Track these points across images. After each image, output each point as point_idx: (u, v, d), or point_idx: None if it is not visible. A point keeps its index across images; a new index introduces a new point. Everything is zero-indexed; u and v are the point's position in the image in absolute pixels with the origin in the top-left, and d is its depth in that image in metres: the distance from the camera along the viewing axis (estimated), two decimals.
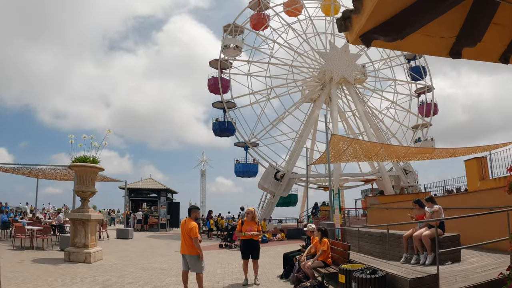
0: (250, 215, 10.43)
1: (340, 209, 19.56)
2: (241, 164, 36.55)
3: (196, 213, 8.99)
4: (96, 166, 13.84)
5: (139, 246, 20.03)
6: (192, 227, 8.41)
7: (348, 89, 37.80)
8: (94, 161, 14.00)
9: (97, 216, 14.10)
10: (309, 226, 11.66)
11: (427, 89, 41.61)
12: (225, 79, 37.48)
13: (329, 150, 26.34)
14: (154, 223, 35.44)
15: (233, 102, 37.49)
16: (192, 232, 8.35)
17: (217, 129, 37.09)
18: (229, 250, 20.06)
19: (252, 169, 36.39)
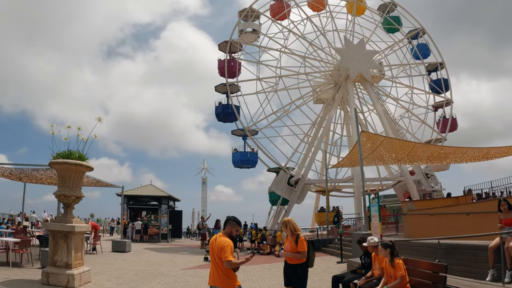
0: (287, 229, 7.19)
1: (380, 217, 16.63)
2: (239, 152, 33.66)
3: (234, 228, 5.80)
4: (83, 163, 10.79)
5: (137, 262, 16.91)
6: (224, 245, 5.39)
7: (365, 87, 34.98)
8: (80, 157, 10.97)
9: (84, 227, 11.00)
10: (370, 240, 8.60)
11: (445, 102, 38.83)
12: (235, 61, 34.57)
13: (353, 152, 23.47)
14: (155, 234, 32.32)
15: (237, 85, 34.50)
16: (223, 251, 5.33)
17: (220, 113, 34.07)
18: None
19: (252, 158, 33.41)
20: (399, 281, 6.85)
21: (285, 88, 36.06)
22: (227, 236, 5.64)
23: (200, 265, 16.77)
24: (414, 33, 40.03)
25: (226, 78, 33.70)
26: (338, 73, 35.64)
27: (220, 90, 34.54)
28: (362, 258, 9.22)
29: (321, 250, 23.87)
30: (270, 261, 19.32)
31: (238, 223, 5.84)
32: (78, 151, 10.99)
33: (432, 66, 39.69)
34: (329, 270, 15.31)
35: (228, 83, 33.60)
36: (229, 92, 33.55)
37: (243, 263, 5.54)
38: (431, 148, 24.20)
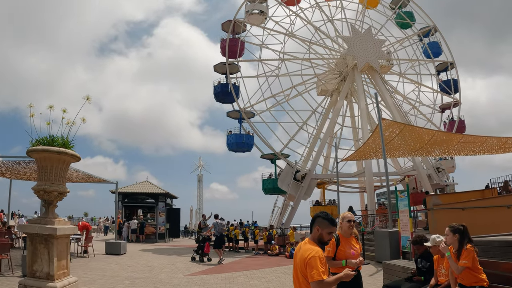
0: (349, 228, 5.41)
1: (410, 212, 14.87)
2: (234, 135, 31.52)
3: (326, 230, 3.80)
4: (67, 151, 8.76)
5: (134, 267, 14.95)
6: (310, 257, 3.50)
7: (373, 78, 33.10)
8: (65, 144, 8.97)
9: (69, 229, 8.98)
10: (436, 239, 6.62)
11: (453, 103, 37.08)
12: (237, 41, 32.54)
13: (368, 143, 21.65)
14: (151, 233, 30.36)
15: (237, 65, 32.42)
16: (310, 267, 3.46)
17: (219, 92, 31.94)
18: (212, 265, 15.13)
19: (247, 141, 31.26)
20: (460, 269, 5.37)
21: (287, 74, 33.96)
22: (316, 243, 3.74)
23: (205, 270, 14.84)
24: (426, 30, 38.26)
25: (226, 57, 31.65)
26: (344, 62, 33.78)
27: (219, 70, 32.49)
28: (419, 261, 7.32)
29: None
30: (282, 263, 17.42)
31: (332, 222, 3.86)
32: (62, 136, 9.02)
33: (442, 65, 38.05)
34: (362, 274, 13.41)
35: (228, 62, 31.48)
36: (228, 72, 31.46)
37: (341, 279, 3.72)
38: (451, 136, 22.45)
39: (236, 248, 23.55)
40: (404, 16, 37.82)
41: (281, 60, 33.44)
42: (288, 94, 33.88)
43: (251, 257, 20.46)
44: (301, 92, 34.61)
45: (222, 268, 15.41)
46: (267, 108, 33.14)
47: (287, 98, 33.86)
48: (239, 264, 16.88)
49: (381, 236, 16.51)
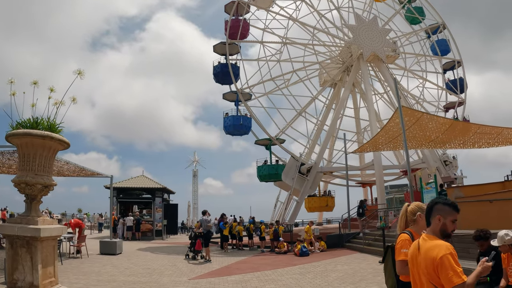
0: None
1: None
2: (231, 116, 30.00)
3: (450, 217, 2.96)
4: (53, 136, 7.22)
5: (132, 270, 13.45)
6: (441, 256, 2.65)
7: (379, 68, 31.71)
8: (51, 127, 7.46)
9: (56, 230, 7.44)
10: (505, 237, 5.27)
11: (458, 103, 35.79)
12: (238, 21, 30.89)
13: (381, 133, 20.30)
14: (148, 230, 28.85)
15: (237, 45, 30.83)
16: (444, 269, 2.61)
17: (219, 72, 30.39)
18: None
19: (245, 123, 29.70)
20: None
21: (289, 59, 32.37)
22: (439, 237, 2.94)
23: (211, 273, 13.38)
24: (434, 26, 36.87)
25: (226, 37, 30.01)
26: (348, 51, 32.36)
27: (218, 50, 30.88)
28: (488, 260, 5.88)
29: (345, 246, 20.70)
30: (294, 262, 16.01)
31: (455, 207, 3.02)
32: (48, 118, 7.50)
33: (449, 64, 36.72)
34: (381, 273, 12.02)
35: (228, 42, 29.85)
36: (228, 53, 29.83)
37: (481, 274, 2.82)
38: (468, 126, 21.15)
39: (240, 245, 22.10)
40: (414, 11, 36.37)
41: (284, 44, 31.79)
42: (288, 79, 32.30)
43: (258, 255, 19.03)
44: (302, 78, 33.01)
45: (230, 270, 13.95)
46: (265, 92, 31.47)
47: (287, 84, 32.28)
48: (247, 264, 15.43)
49: None
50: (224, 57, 30.16)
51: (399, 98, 17.34)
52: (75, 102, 7.98)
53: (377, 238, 19.38)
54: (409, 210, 4.14)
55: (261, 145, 30.44)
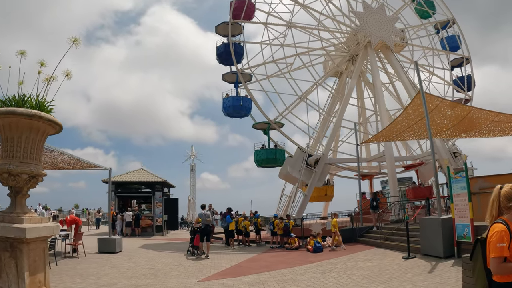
0: None
1: (470, 197, 12.44)
2: (231, 97, 28.47)
3: None
4: (42, 115, 5.89)
5: (134, 271, 12.20)
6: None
7: (386, 56, 30.43)
8: (40, 106, 6.15)
9: (46, 229, 6.13)
10: None
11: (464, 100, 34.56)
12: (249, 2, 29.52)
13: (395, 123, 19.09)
14: (148, 226, 27.62)
15: (240, 25, 29.33)
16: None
17: (223, 52, 28.71)
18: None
19: (245, 104, 28.16)
20: None
21: (293, 44, 30.88)
22: None
23: (221, 272, 12.14)
24: (444, 22, 35.53)
25: (230, 17, 28.69)
26: (354, 39, 31.03)
27: (221, 31, 29.34)
28: None
29: (358, 241, 19.57)
30: (309, 259, 14.82)
31: None
32: (37, 95, 6.19)
33: (457, 60, 35.34)
34: (414, 271, 10.83)
35: (231, 22, 28.51)
36: (230, 33, 28.49)
37: None
38: (485, 114, 19.99)
39: (247, 241, 20.87)
40: (424, 5, 35.00)
41: (288, 27, 30.35)
42: (291, 63, 30.86)
43: (267, 252, 17.81)
44: (306, 63, 31.62)
45: (241, 269, 12.73)
46: (266, 75, 30.01)
47: (289, 68, 30.82)
48: (259, 263, 14.21)
49: (430, 224, 14.05)
50: (226, 38, 28.69)
51: (420, 82, 16.09)
52: (70, 78, 6.70)
53: (394, 232, 18.30)
54: (503, 194, 3.24)
55: (258, 129, 29.03)
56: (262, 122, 28.03)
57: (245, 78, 28.23)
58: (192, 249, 16.69)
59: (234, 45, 28.26)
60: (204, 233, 16.20)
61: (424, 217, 15.91)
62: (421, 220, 15.05)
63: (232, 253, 17.47)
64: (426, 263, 12.54)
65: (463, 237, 12.55)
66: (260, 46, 30.45)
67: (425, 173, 32.79)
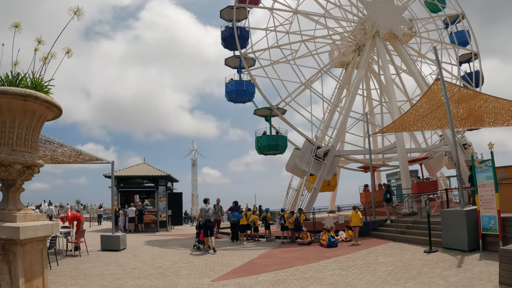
0: None
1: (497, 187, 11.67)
2: (234, 81, 27.59)
3: None
4: (38, 95, 5.03)
5: (141, 270, 11.40)
6: None
7: (395, 46, 29.46)
8: (36, 86, 5.28)
9: (43, 228, 5.28)
10: None
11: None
12: None
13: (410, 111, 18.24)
14: (151, 221, 26.82)
15: (245, 10, 28.32)
16: None
17: (228, 36, 27.81)
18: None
19: (248, 88, 27.27)
20: None
21: (299, 31, 29.84)
22: None
23: (235, 270, 11.34)
24: (453, 16, 34.51)
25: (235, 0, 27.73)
26: (361, 28, 30.06)
27: (225, 16, 28.28)
28: None
29: (372, 234, 18.80)
30: (325, 254, 14.02)
31: None
32: (33, 73, 5.31)
33: (465, 56, 34.37)
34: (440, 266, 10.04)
35: (236, 5, 27.54)
36: (235, 18, 27.54)
37: None
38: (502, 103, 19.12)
39: (256, 236, 20.06)
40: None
41: (294, 13, 29.31)
42: (296, 50, 29.88)
43: (279, 247, 17.00)
44: (311, 51, 30.60)
45: (256, 266, 11.91)
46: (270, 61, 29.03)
47: (294, 56, 29.83)
48: (273, 259, 13.38)
49: (453, 217, 13.25)
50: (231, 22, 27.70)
51: (440, 66, 15.21)
52: (71, 55, 5.84)
53: (410, 225, 17.53)
54: None
55: (260, 115, 28.07)
56: (264, 108, 27.10)
57: (248, 62, 27.32)
58: (198, 244, 16.39)
59: (240, 29, 27.36)
60: (206, 228, 15.84)
61: (446, 209, 15.12)
62: (443, 212, 14.26)
63: (242, 249, 16.67)
64: (450, 257, 11.80)
65: (489, 229, 11.80)
66: (265, 32, 29.51)
67: (433, 166, 32.06)
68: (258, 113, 27.82)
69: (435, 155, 30.77)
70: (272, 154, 27.94)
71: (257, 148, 27.36)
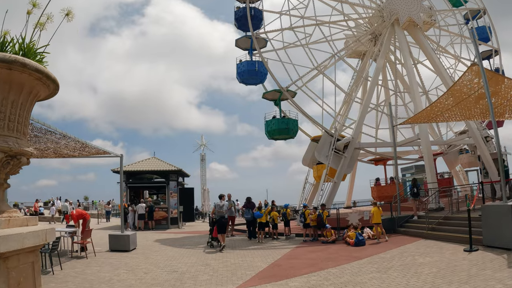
0: None
1: None
2: (245, 62, 26.33)
3: None
4: (27, 62, 3.80)
5: (154, 276, 10.21)
6: None
7: (414, 35, 27.96)
8: (27, 52, 4.05)
9: (32, 235, 4.10)
10: None
11: None
12: None
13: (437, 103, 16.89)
14: (162, 218, 25.72)
15: None
16: None
17: (241, 16, 26.46)
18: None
19: (260, 69, 25.89)
20: None
21: (314, 16, 28.44)
22: None
23: (261, 274, 10.10)
24: (475, 10, 32.93)
25: None
26: (379, 16, 28.61)
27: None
28: None
29: (399, 231, 17.60)
30: (355, 254, 12.78)
31: None
32: (23, 38, 4.05)
33: (486, 53, 32.83)
34: (489, 266, 8.83)
35: None
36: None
37: None
38: None
39: (275, 234, 18.81)
40: None
41: None
42: (310, 34, 28.51)
43: (302, 246, 15.72)
44: (326, 36, 29.18)
45: (283, 270, 10.65)
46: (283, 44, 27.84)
47: (307, 40, 28.41)
48: (300, 260, 12.14)
49: (495, 212, 12.04)
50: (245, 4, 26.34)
51: (477, 47, 13.83)
52: (71, 19, 4.56)
53: (441, 221, 16.28)
54: None
55: (269, 99, 26.81)
56: (273, 91, 25.85)
57: (260, 43, 26.09)
58: (212, 241, 15.95)
59: (254, 9, 26.11)
60: (220, 224, 15.20)
61: (488, 204, 13.83)
62: (485, 207, 12.97)
63: (262, 248, 15.44)
64: (496, 256, 10.65)
65: None
66: (279, 19, 28.21)
67: (452, 161, 30.76)
68: (267, 97, 26.62)
69: (450, 151, 29.52)
70: (282, 138, 26.81)
71: (266, 132, 26.19)
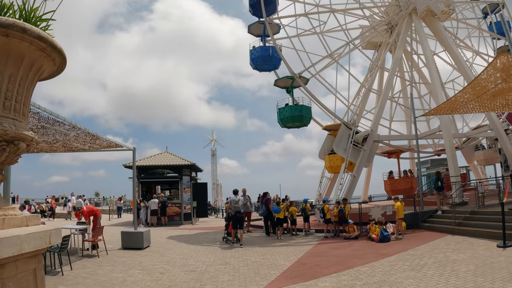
0: None
1: None
2: (259, 47, 25.63)
3: None
4: (27, 27, 3.06)
5: (171, 276, 9.53)
6: None
7: (432, 25, 26.92)
8: (28, 18, 3.30)
9: (33, 239, 3.40)
10: None
11: None
12: None
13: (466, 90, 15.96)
14: (175, 214, 25.12)
15: None
16: None
17: (256, 2, 25.51)
18: None
19: (275, 54, 25.08)
20: None
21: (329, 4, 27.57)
22: None
23: (286, 273, 9.38)
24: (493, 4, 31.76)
25: None
26: (396, 3, 27.63)
27: None
28: None
29: (423, 227, 16.83)
30: (382, 251, 12.01)
31: None
32: (24, 3, 3.30)
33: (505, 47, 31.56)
34: None
35: None
36: None
37: None
38: None
39: (294, 230, 18.05)
40: None
41: None
42: (324, 21, 27.63)
43: (323, 242, 14.95)
44: (341, 24, 28.27)
45: (309, 268, 9.90)
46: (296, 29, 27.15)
47: (322, 28, 27.53)
48: (325, 258, 11.38)
49: None
50: None
51: (508, 33, 12.93)
52: None
53: (468, 216, 15.48)
54: None
55: (281, 87, 26.15)
56: (286, 77, 25.08)
57: (273, 29, 25.28)
58: (227, 236, 15.72)
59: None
60: (235, 219, 14.96)
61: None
62: None
63: (283, 245, 14.70)
64: None
65: None
66: (293, 6, 27.32)
67: (470, 155, 29.83)
68: (279, 84, 25.90)
69: (466, 146, 28.62)
70: (296, 126, 26.04)
71: (279, 120, 25.47)
